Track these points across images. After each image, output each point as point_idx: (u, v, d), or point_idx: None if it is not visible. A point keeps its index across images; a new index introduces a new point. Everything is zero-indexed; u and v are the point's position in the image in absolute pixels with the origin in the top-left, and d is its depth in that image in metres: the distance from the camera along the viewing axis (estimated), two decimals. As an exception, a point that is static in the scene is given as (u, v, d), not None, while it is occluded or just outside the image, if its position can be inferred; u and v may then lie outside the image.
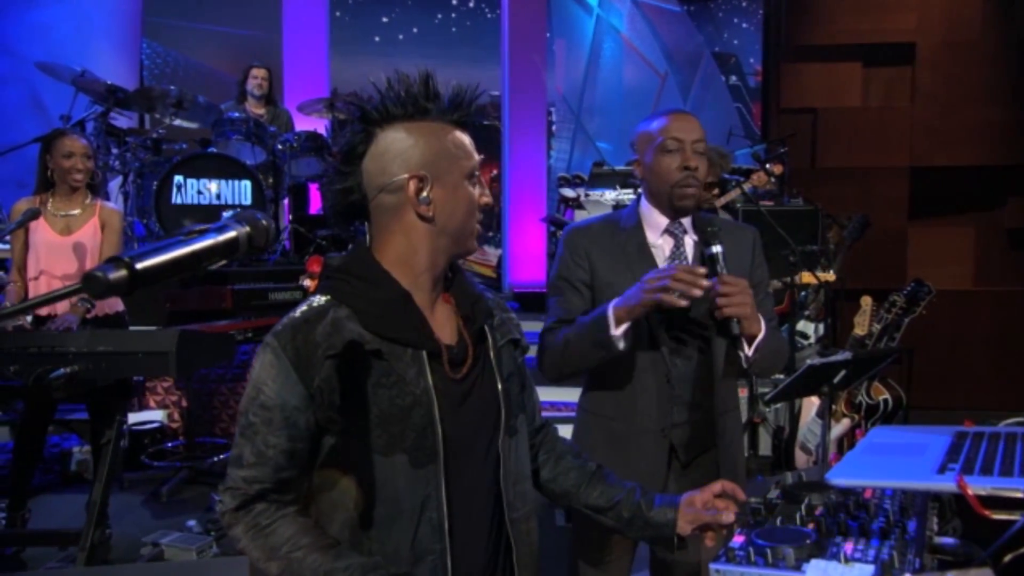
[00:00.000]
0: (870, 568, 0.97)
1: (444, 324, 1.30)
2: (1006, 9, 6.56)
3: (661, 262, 1.85)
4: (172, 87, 5.14)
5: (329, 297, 1.24)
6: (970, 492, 0.90)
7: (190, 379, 4.39)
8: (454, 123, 1.28)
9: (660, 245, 1.87)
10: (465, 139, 1.29)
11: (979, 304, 6.44)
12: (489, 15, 7.99)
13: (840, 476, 1.07)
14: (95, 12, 5.96)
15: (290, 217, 5.91)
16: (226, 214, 3.95)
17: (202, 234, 0.75)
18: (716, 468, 1.84)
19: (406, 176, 1.23)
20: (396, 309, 1.23)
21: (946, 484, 0.95)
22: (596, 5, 8.12)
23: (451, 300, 1.33)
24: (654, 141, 1.82)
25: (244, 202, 4.96)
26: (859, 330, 3.73)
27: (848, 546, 1.05)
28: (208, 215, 4.65)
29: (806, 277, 4.10)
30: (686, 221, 1.88)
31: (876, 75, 6.88)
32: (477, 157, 1.30)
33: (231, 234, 0.79)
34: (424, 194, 1.23)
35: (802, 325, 4.82)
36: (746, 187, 4.42)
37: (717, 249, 1.74)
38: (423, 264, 1.27)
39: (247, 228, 0.80)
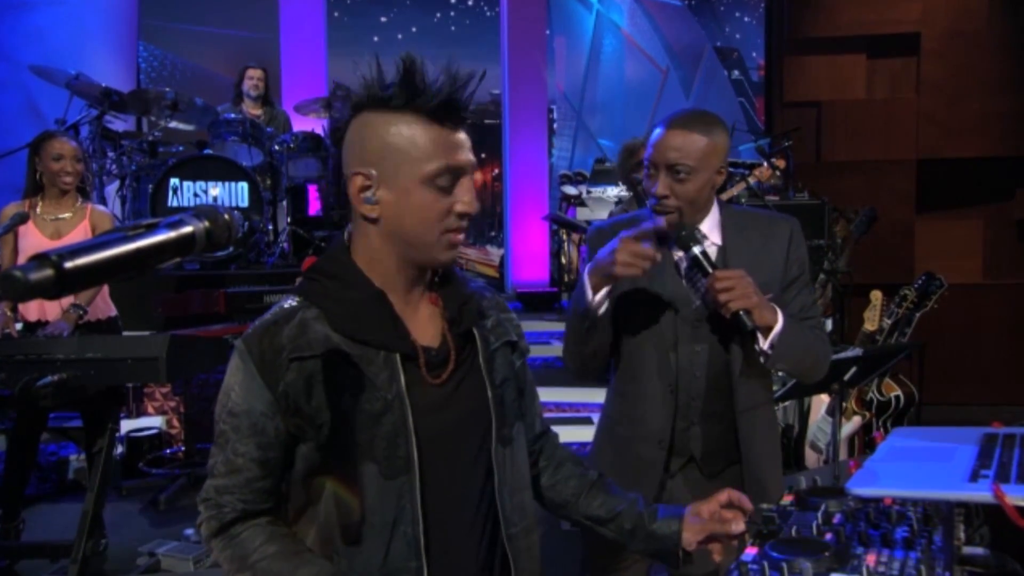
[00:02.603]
0: (895, 583, 0.90)
1: (426, 326, 1.21)
2: (1012, -2, 6.47)
3: (682, 269, 1.74)
4: (168, 89, 5.09)
5: (301, 298, 1.17)
6: (1009, 502, 0.82)
7: (188, 384, 4.33)
8: (428, 115, 1.11)
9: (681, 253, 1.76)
10: (434, 135, 1.11)
11: (989, 297, 6.35)
12: (488, 13, 7.93)
13: (862, 485, 0.99)
14: (90, 15, 5.90)
15: (289, 219, 5.85)
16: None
17: (151, 229, 0.67)
18: (742, 480, 1.73)
19: (351, 171, 1.13)
20: (367, 310, 1.15)
21: (981, 494, 0.87)
22: (596, 1, 8.05)
23: (438, 301, 1.23)
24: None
25: (241, 204, 4.90)
26: (869, 325, 3.66)
27: (870, 558, 0.98)
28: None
29: None
30: (704, 226, 1.74)
31: (881, 67, 6.80)
32: (450, 159, 1.12)
33: (186, 230, 0.70)
34: (368, 193, 1.13)
35: (810, 321, 4.73)
36: (750, 181, 4.35)
37: (697, 250, 1.63)
38: (391, 267, 1.17)
39: (205, 223, 0.73)
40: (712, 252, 1.73)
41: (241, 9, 7.28)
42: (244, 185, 4.93)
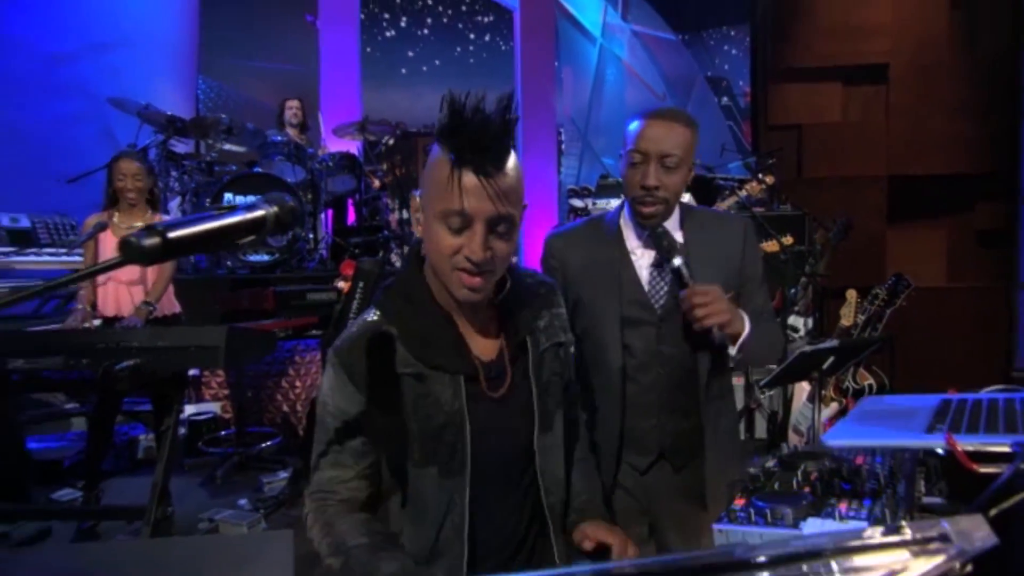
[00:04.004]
0: (863, 524, 0.92)
1: (487, 340, 1.20)
2: (971, 32, 6.46)
3: (642, 271, 1.59)
4: (223, 116, 5.17)
5: (380, 315, 1.18)
6: (958, 447, 0.85)
7: (241, 374, 4.39)
8: (454, 155, 1.04)
9: (641, 254, 1.60)
10: (453, 176, 1.03)
11: (951, 298, 6.32)
12: (503, 47, 7.98)
13: (835, 438, 1.03)
14: (158, 54, 6.04)
15: (329, 228, 5.91)
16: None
17: (232, 211, 0.73)
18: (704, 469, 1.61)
19: (415, 191, 1.19)
20: (436, 335, 1.16)
21: (935, 441, 0.90)
22: (599, 36, 8.09)
23: (497, 316, 1.21)
24: (625, 147, 1.55)
25: (287, 216, 4.94)
26: (845, 321, 3.66)
27: (843, 506, 1.00)
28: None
29: (770, 247, 3.92)
30: (669, 223, 1.57)
31: (854, 93, 6.78)
32: (460, 204, 1.03)
33: (259, 212, 0.76)
34: (417, 215, 1.14)
35: (792, 319, 4.74)
36: (741, 195, 4.37)
37: (678, 262, 1.47)
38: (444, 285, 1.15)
39: (275, 208, 0.78)
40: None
41: (286, 45, 7.38)
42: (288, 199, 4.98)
